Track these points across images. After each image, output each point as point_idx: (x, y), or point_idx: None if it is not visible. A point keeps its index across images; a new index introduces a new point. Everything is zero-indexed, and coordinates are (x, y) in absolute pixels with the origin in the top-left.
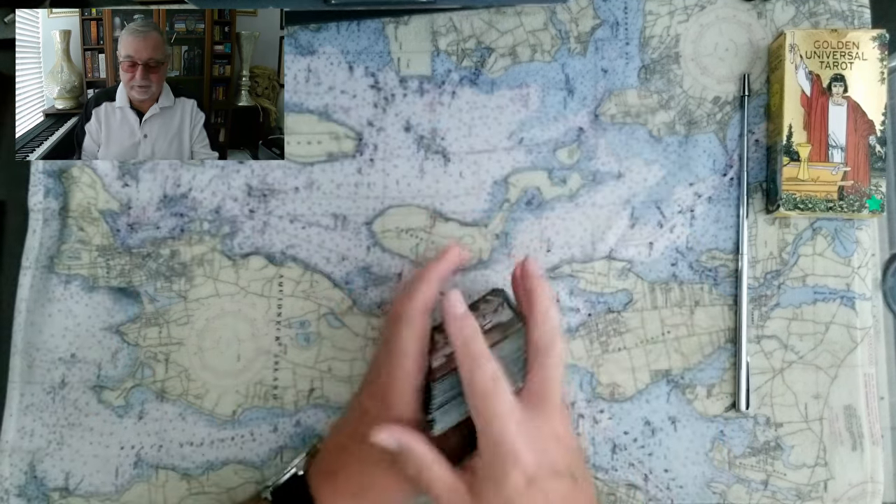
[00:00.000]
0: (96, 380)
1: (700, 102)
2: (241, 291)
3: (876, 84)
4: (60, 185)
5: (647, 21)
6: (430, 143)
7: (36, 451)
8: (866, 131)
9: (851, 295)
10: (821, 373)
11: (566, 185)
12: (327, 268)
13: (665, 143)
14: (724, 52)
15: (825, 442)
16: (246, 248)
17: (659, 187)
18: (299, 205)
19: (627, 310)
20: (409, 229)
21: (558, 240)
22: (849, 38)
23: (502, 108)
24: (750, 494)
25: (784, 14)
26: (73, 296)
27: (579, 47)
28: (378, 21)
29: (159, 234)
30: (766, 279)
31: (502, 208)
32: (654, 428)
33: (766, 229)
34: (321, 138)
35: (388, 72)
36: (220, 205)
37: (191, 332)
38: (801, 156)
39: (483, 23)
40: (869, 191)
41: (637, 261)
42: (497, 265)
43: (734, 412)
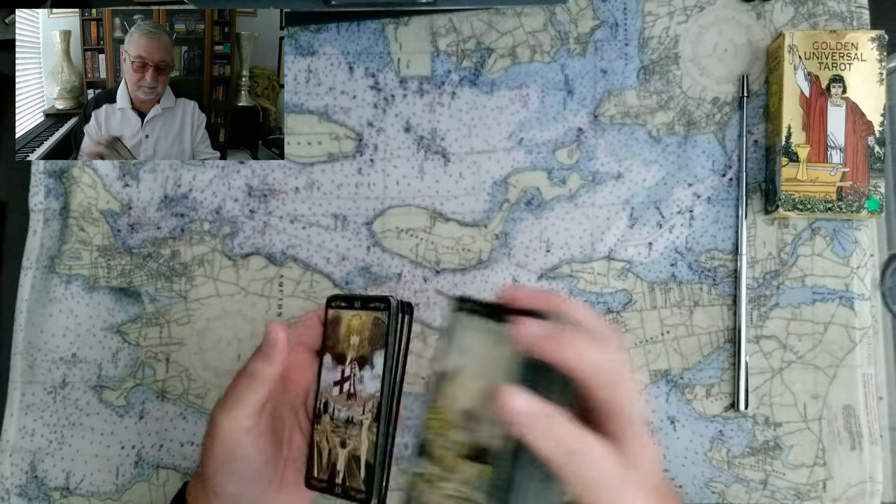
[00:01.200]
0: (97, 379)
1: (699, 103)
2: (241, 291)
3: (875, 85)
4: (61, 186)
5: (647, 22)
6: (430, 143)
7: (37, 451)
8: (865, 132)
9: (850, 295)
10: (820, 373)
11: (566, 185)
12: (327, 268)
13: (664, 143)
14: (724, 53)
15: (824, 442)
16: (246, 249)
17: (658, 188)
18: (299, 205)
19: (627, 310)
20: (409, 229)
21: (558, 240)
22: (848, 39)
23: (502, 108)
24: (749, 494)
25: (783, 15)
26: (73, 296)
27: (579, 48)
28: (378, 22)
29: (160, 234)
30: (765, 279)
31: (502, 208)
32: (653, 428)
33: (765, 230)
34: (321, 139)
35: (388, 72)
36: (220, 205)
37: (191, 331)
38: (800, 156)
39: (483, 23)
40: (868, 191)
41: (636, 261)
42: (497, 265)
43: (733, 412)
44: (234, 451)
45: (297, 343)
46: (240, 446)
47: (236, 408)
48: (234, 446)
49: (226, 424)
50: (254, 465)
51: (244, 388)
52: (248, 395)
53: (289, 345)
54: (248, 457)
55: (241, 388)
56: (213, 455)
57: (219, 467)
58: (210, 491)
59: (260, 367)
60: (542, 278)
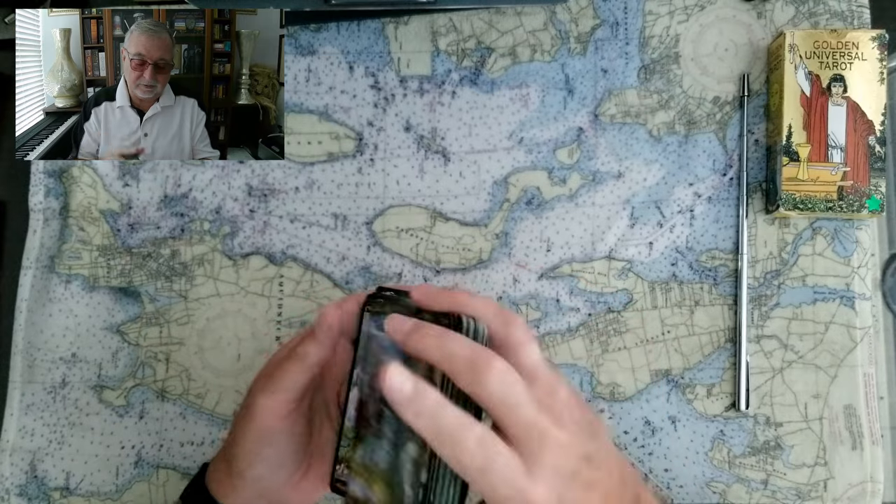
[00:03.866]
0: (97, 379)
1: (700, 102)
2: (241, 291)
3: (875, 84)
4: (61, 185)
5: (647, 21)
6: (430, 143)
7: (37, 451)
8: (866, 131)
9: (851, 295)
10: (820, 372)
11: (566, 184)
12: (327, 268)
13: (665, 142)
14: (724, 53)
15: (825, 441)
16: (246, 248)
17: (659, 187)
18: (299, 205)
19: (627, 310)
20: (409, 229)
21: (558, 240)
22: (848, 39)
23: (502, 108)
24: (750, 494)
25: (784, 14)
26: (73, 295)
27: (579, 47)
28: (378, 21)
29: (160, 233)
30: (766, 279)
31: (502, 208)
32: (654, 428)
33: (765, 229)
34: (321, 138)
35: (388, 72)
36: (220, 205)
37: (191, 331)
38: (801, 156)
39: (483, 23)
40: (868, 191)
41: (637, 261)
42: (497, 265)
43: (734, 412)
44: (269, 434)
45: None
46: (276, 430)
47: (279, 390)
48: (270, 429)
49: (266, 405)
50: (286, 450)
51: (291, 370)
52: (294, 378)
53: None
54: (281, 441)
55: (287, 371)
56: (246, 435)
57: (250, 449)
58: (235, 472)
59: (311, 351)
60: (542, 278)
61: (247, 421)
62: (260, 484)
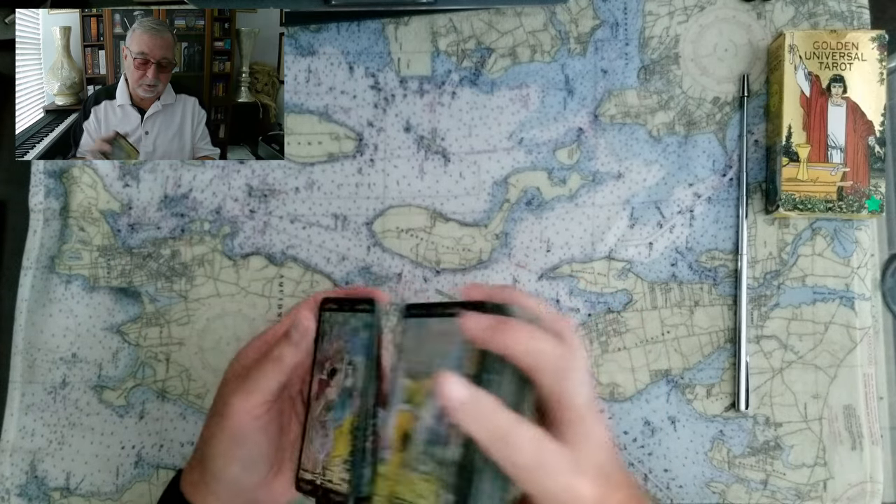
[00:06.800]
0: (97, 379)
1: (699, 103)
2: (241, 291)
3: (875, 85)
4: (61, 186)
5: (647, 21)
6: (430, 143)
7: (37, 451)
8: (865, 132)
9: (851, 295)
10: (820, 373)
11: (566, 185)
12: (327, 268)
13: (664, 143)
14: (724, 53)
15: (824, 442)
16: (246, 249)
17: (658, 187)
18: (299, 205)
19: (627, 310)
20: (409, 229)
21: (558, 240)
22: (848, 39)
23: (502, 108)
24: (749, 494)
25: (783, 15)
26: (73, 296)
27: (579, 48)
28: (378, 22)
29: (160, 234)
30: (766, 279)
31: (502, 208)
32: (653, 428)
33: (765, 229)
34: (321, 139)
35: (388, 72)
36: (220, 205)
37: (191, 331)
38: (801, 156)
39: (483, 23)
40: (868, 191)
41: (637, 261)
42: (497, 265)
43: (734, 412)
44: (243, 435)
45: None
46: (249, 430)
47: (255, 392)
48: (244, 430)
49: (241, 406)
50: (259, 450)
51: (267, 372)
52: (270, 380)
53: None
54: (255, 442)
55: (263, 373)
56: (219, 436)
57: (224, 450)
58: (209, 474)
59: (287, 354)
60: (542, 278)
61: (220, 422)
62: (235, 485)
